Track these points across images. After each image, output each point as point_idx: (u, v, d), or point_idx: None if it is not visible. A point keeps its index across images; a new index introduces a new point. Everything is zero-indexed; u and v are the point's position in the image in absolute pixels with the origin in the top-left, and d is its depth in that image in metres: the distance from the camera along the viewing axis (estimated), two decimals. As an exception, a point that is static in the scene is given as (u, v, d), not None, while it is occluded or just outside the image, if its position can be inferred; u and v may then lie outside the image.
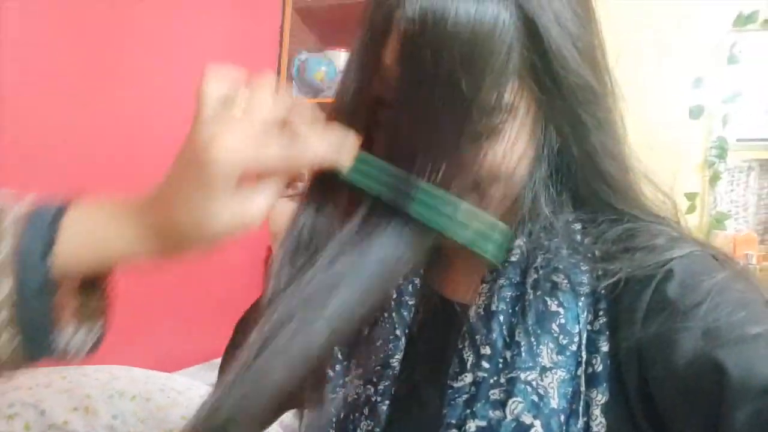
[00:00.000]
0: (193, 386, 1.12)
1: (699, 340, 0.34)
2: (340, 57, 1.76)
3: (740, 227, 1.69)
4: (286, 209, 0.69)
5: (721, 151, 1.68)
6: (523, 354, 0.38)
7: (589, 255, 0.41)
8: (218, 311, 1.55)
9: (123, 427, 0.94)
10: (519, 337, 0.39)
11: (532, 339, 0.39)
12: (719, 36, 1.71)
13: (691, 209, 1.68)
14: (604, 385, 0.37)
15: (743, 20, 1.68)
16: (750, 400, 0.30)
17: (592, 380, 0.38)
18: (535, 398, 0.37)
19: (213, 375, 0.71)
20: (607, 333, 0.39)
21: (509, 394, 0.37)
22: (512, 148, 0.40)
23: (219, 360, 0.69)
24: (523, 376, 0.38)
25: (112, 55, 1.27)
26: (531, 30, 0.37)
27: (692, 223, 1.68)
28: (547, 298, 0.40)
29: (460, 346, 0.42)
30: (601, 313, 0.40)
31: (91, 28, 1.21)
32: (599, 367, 0.38)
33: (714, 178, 1.69)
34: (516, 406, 0.37)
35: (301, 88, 1.81)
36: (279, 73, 1.82)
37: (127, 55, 1.31)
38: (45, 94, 1.13)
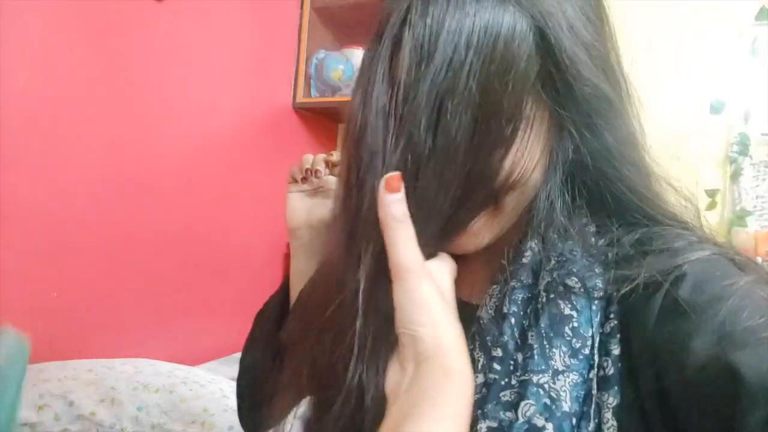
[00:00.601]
0: (215, 380, 1.15)
1: (713, 343, 0.34)
2: (358, 55, 1.77)
3: (765, 223, 1.66)
4: (302, 205, 0.69)
5: (743, 147, 1.65)
6: (536, 357, 0.38)
7: (603, 257, 0.41)
8: (238, 307, 1.57)
9: (147, 418, 0.97)
10: (531, 339, 0.39)
11: (545, 342, 0.39)
12: (741, 30, 1.68)
13: (712, 206, 1.65)
14: (616, 388, 0.37)
15: (766, 14, 1.64)
16: (765, 403, 0.30)
17: (603, 383, 0.38)
18: (548, 401, 0.37)
19: (233, 369, 0.73)
20: (618, 336, 0.39)
21: (521, 396, 0.38)
22: (526, 156, 0.40)
23: (239, 354, 0.71)
24: (535, 378, 0.38)
25: (132, 56, 1.29)
26: (544, 39, 0.38)
27: (713, 220, 1.65)
28: (561, 302, 0.40)
29: (471, 347, 0.42)
30: (612, 315, 0.39)
31: (111, 31, 1.24)
32: (610, 370, 0.38)
33: (735, 175, 1.67)
34: (528, 408, 0.37)
35: (319, 87, 1.82)
36: (297, 72, 1.83)
37: (147, 56, 1.33)
38: (64, 98, 1.16)
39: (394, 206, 0.37)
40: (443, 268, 0.41)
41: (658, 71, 1.63)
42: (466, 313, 0.45)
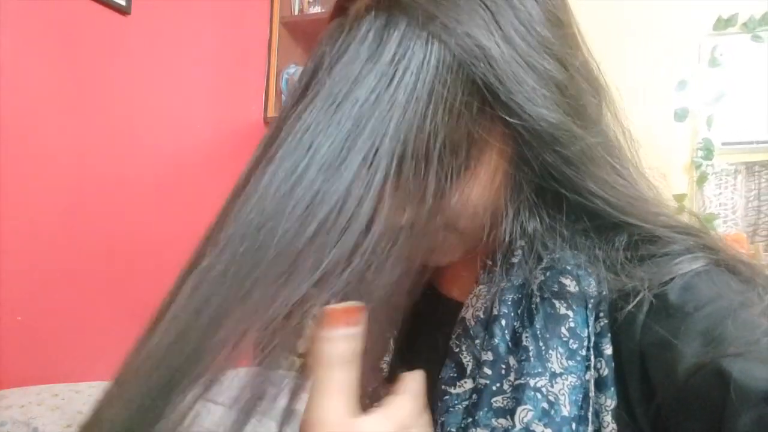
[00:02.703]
0: (188, 401, 1.11)
1: (702, 345, 0.33)
2: (329, 69, 1.77)
3: (729, 229, 1.71)
4: None
5: (707, 152, 1.70)
6: (532, 359, 0.37)
7: (594, 257, 0.40)
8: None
9: (117, 443, 0.93)
10: (526, 341, 0.38)
11: (541, 344, 0.37)
12: (700, 39, 1.73)
13: (680, 210, 1.69)
14: (612, 389, 0.36)
15: (723, 23, 1.71)
16: (753, 405, 0.30)
17: (600, 385, 0.37)
18: (546, 406, 0.36)
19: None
20: (609, 335, 0.38)
21: (518, 401, 0.36)
22: (483, 182, 0.38)
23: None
24: (532, 382, 0.36)
25: (100, 72, 1.26)
26: (475, 76, 0.34)
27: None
28: (556, 301, 0.38)
29: (456, 350, 0.41)
30: (602, 314, 0.38)
31: (77, 47, 1.21)
32: (605, 371, 0.37)
33: (701, 179, 1.71)
34: (525, 414, 0.35)
35: (291, 100, 1.81)
36: (267, 86, 1.82)
37: (115, 72, 1.30)
38: (33, 113, 1.13)
39: (337, 344, 0.31)
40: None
41: (621, 80, 1.67)
42: (449, 309, 0.44)
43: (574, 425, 0.35)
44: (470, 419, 0.37)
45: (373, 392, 0.44)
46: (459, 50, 0.34)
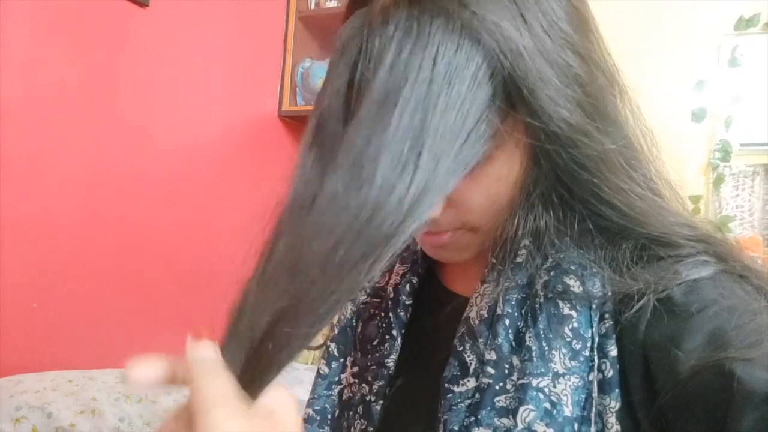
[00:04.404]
0: (199, 390, 1.12)
1: (705, 346, 0.33)
2: (344, 63, 1.77)
3: (746, 232, 1.69)
4: None
5: (725, 153, 1.68)
6: (535, 359, 0.37)
7: (600, 258, 0.39)
8: (224, 317, 1.54)
9: (129, 429, 0.94)
10: (530, 341, 0.38)
11: (544, 344, 0.37)
12: (720, 39, 1.71)
13: (695, 212, 1.68)
14: (617, 391, 0.36)
15: (744, 23, 1.68)
16: (757, 405, 0.30)
17: (604, 386, 0.36)
18: (548, 406, 0.36)
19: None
20: (614, 337, 0.37)
21: (520, 401, 0.36)
22: (498, 175, 0.38)
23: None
24: (534, 382, 0.36)
25: (116, 64, 1.28)
26: (504, 73, 0.34)
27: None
28: (560, 301, 0.38)
29: (460, 348, 0.41)
30: (607, 315, 0.38)
31: (95, 38, 1.22)
32: (610, 373, 0.36)
33: (718, 181, 1.69)
34: (528, 414, 0.35)
35: (305, 95, 1.82)
36: (282, 80, 1.83)
37: (131, 64, 1.31)
38: (49, 104, 1.14)
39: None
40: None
41: (638, 79, 1.65)
42: (461, 306, 0.44)
43: (576, 426, 0.35)
44: (473, 418, 0.37)
45: (378, 389, 0.45)
46: (489, 42, 0.33)
